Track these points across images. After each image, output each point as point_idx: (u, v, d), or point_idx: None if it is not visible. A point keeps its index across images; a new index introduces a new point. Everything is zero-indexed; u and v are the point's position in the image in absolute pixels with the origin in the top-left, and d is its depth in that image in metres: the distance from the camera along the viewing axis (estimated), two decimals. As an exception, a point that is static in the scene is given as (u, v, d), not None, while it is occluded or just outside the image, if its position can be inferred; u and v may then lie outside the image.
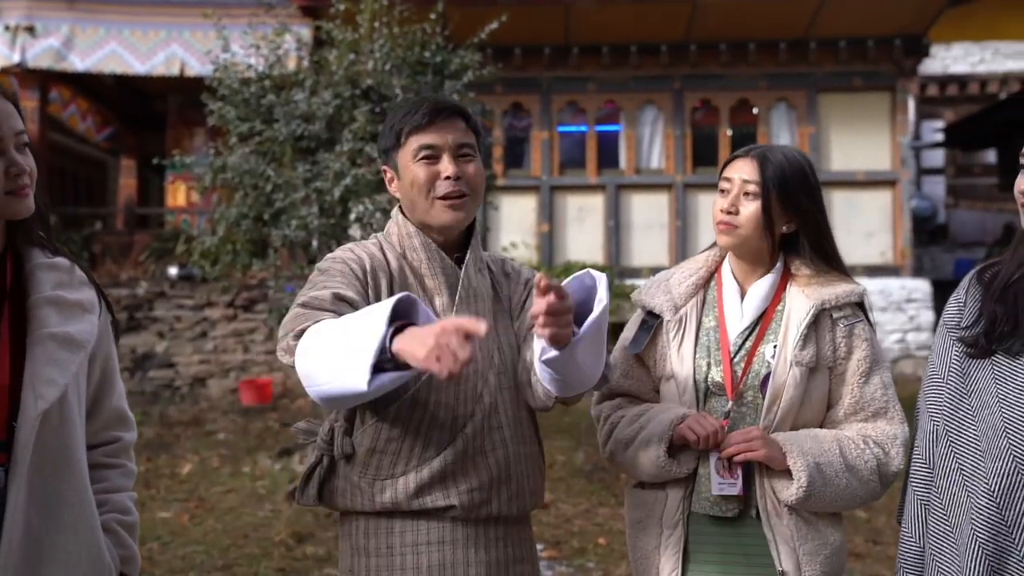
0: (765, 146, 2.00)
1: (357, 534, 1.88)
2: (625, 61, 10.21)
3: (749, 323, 1.96)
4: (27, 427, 1.46)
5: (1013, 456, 1.56)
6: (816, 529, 1.89)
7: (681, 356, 1.97)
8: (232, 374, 9.12)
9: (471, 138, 1.88)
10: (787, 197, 1.91)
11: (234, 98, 6.13)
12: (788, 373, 1.89)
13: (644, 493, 2.00)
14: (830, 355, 1.93)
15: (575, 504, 5.46)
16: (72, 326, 1.55)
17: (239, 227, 6.04)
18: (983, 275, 1.76)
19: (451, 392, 1.81)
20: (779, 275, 1.98)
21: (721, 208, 1.95)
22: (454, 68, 6.26)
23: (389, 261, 1.87)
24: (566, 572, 4.39)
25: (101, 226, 10.97)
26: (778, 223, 1.93)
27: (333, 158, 5.88)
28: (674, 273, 2.07)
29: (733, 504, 1.90)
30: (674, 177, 10.27)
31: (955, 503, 1.65)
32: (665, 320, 2.00)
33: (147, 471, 6.27)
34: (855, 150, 10.13)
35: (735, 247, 1.96)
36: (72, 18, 9.43)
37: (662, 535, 1.94)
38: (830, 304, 1.92)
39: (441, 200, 1.83)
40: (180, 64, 9.44)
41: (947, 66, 14.74)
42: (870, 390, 1.93)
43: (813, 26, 9.85)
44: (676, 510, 1.93)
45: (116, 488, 1.67)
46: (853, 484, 1.87)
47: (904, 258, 10.12)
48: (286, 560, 4.51)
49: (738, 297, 1.99)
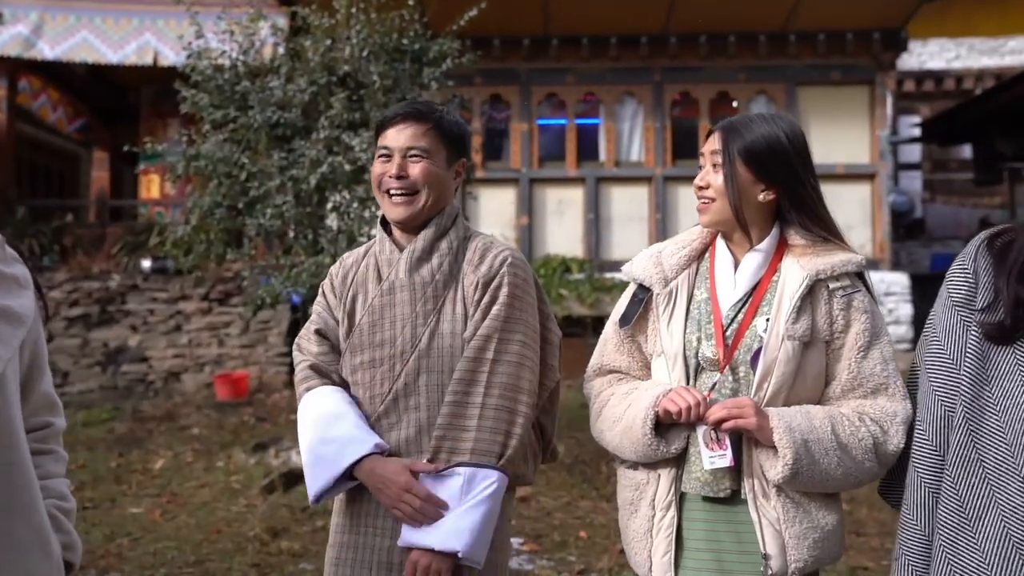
0: (740, 116, 1.95)
1: None
2: (605, 53, 10.17)
3: (742, 295, 1.89)
4: None
5: None
6: (805, 511, 1.81)
7: (671, 330, 1.91)
8: (207, 368, 8.98)
9: (426, 141, 2.01)
10: (756, 163, 1.86)
11: (208, 85, 6.00)
12: (780, 347, 1.81)
13: (636, 473, 1.94)
14: (826, 328, 1.84)
15: (556, 497, 5.40)
16: (11, 300, 1.46)
17: (213, 216, 5.92)
18: (993, 244, 1.65)
19: (368, 374, 2.00)
20: (773, 245, 1.91)
21: (695, 183, 1.94)
22: (432, 56, 6.17)
23: (362, 262, 2.11)
24: (547, 566, 4.32)
25: (72, 218, 10.77)
26: (750, 191, 1.87)
27: (309, 146, 5.77)
28: (667, 245, 2.02)
29: (725, 484, 1.83)
30: (654, 170, 10.24)
31: (975, 495, 1.56)
32: (655, 293, 1.94)
33: (119, 466, 6.13)
34: (834, 143, 10.15)
35: (715, 223, 1.92)
36: (42, 5, 9.23)
37: (654, 517, 1.89)
38: (825, 274, 1.84)
39: (388, 196, 2.03)
40: (153, 53, 9.27)
41: (923, 62, 14.83)
42: (868, 365, 1.83)
43: (792, 19, 9.85)
44: (668, 491, 1.87)
45: (51, 474, 1.60)
46: (847, 463, 1.78)
47: (883, 252, 10.15)
48: (260, 555, 4.41)
49: (731, 268, 1.92)
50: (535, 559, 4.41)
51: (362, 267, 2.10)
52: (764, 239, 1.91)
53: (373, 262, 2.09)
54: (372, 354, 1.99)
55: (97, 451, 6.57)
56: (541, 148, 10.41)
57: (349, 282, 2.09)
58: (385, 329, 1.99)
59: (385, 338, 1.99)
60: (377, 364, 1.98)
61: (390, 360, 1.97)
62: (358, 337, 2.01)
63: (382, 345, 1.99)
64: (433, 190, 2.01)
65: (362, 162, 5.66)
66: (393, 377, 1.97)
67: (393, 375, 1.97)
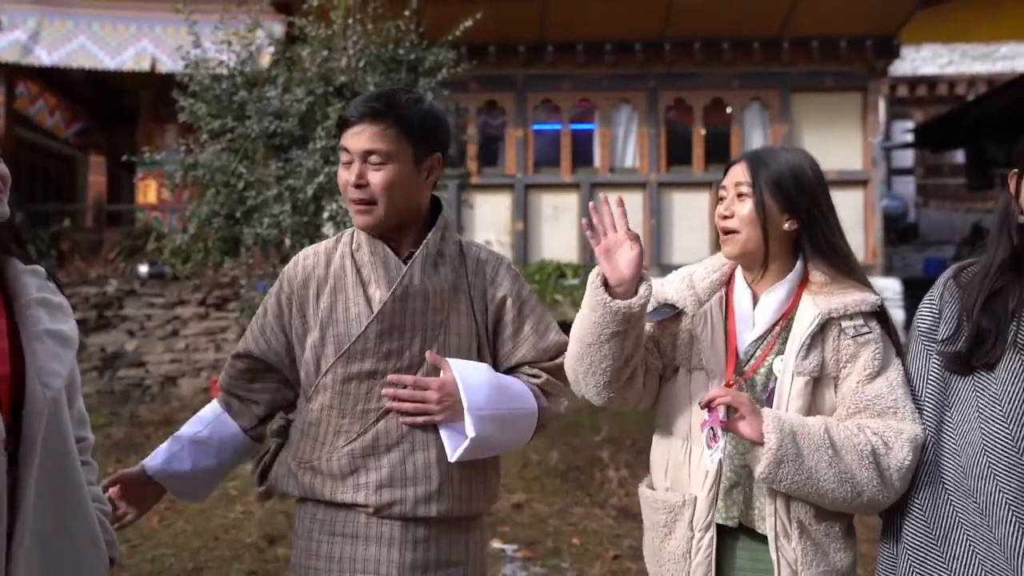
0: (763, 148, 1.97)
1: (297, 516, 1.98)
2: (600, 59, 10.22)
3: (762, 331, 1.88)
4: (37, 415, 1.51)
5: (993, 474, 1.56)
6: (824, 553, 1.79)
7: (715, 349, 1.89)
8: (204, 373, 9.02)
9: (385, 143, 1.83)
10: (782, 193, 1.85)
11: (205, 94, 6.04)
12: (791, 384, 1.81)
13: (670, 496, 1.91)
14: (834, 366, 1.83)
15: (550, 504, 5.45)
16: (63, 325, 1.64)
17: (210, 225, 5.96)
18: (959, 277, 1.74)
19: (364, 386, 1.86)
20: (796, 283, 1.89)
21: (718, 214, 1.91)
22: (428, 65, 6.22)
23: (332, 262, 1.93)
24: (540, 572, 4.38)
25: (70, 223, 10.80)
26: (776, 221, 1.86)
27: (306, 155, 5.82)
28: (696, 269, 2.01)
29: (734, 514, 1.85)
30: (648, 176, 10.30)
31: (940, 515, 1.64)
32: (691, 315, 1.93)
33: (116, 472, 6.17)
34: (827, 150, 10.18)
35: (737, 255, 1.91)
36: (39, 11, 9.28)
37: (692, 538, 1.86)
38: (838, 313, 1.82)
39: (351, 204, 1.88)
40: (151, 60, 9.31)
41: (917, 67, 14.91)
42: (874, 388, 1.78)
43: (786, 26, 9.92)
44: (707, 513, 1.85)
45: (90, 482, 1.75)
46: (839, 465, 1.71)
47: (876, 257, 10.22)
48: (257, 562, 4.47)
49: (750, 303, 1.91)
50: (528, 566, 4.47)
51: (334, 267, 1.93)
52: (786, 274, 1.89)
53: (351, 265, 1.91)
54: (375, 364, 1.85)
55: (95, 456, 6.57)
56: (536, 154, 10.46)
57: (316, 285, 1.93)
58: (394, 339, 1.85)
59: (393, 349, 1.85)
60: (379, 376, 1.85)
61: (394, 373, 1.85)
62: (362, 344, 1.84)
63: (388, 356, 1.85)
64: (394, 197, 1.85)
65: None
66: None
67: None
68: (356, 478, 1.84)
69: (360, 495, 1.84)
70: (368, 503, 1.84)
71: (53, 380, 1.56)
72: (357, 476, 1.84)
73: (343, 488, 1.85)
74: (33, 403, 1.52)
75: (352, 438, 1.85)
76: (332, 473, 1.86)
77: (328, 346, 1.89)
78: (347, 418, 1.86)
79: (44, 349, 1.57)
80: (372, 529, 1.85)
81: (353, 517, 1.86)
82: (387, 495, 1.83)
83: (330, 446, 1.87)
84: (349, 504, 1.85)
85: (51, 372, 1.56)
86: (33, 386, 1.53)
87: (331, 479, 1.86)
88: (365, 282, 1.89)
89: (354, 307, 1.88)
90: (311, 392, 1.91)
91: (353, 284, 1.89)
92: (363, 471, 1.84)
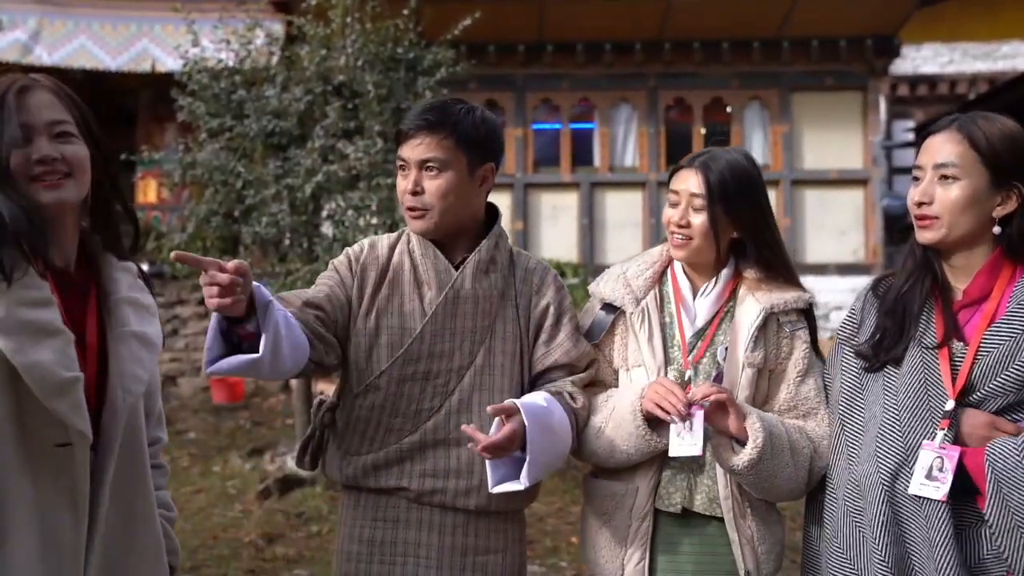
0: (708, 153, 2.01)
1: (341, 503, 2.05)
2: (599, 59, 10.22)
3: (703, 324, 2.01)
4: (115, 420, 1.50)
5: (876, 460, 1.70)
6: (769, 527, 1.97)
7: (652, 346, 1.99)
8: (203, 372, 9.02)
9: (441, 151, 1.91)
10: (730, 206, 1.95)
11: (204, 93, 6.05)
12: (741, 374, 1.95)
13: (614, 484, 2.01)
14: (773, 359, 1.99)
15: (548, 503, 5.45)
16: (148, 327, 1.61)
17: (209, 224, 5.96)
18: (878, 288, 1.89)
19: (417, 387, 1.93)
20: (729, 277, 2.03)
21: (672, 221, 1.99)
22: (427, 64, 6.22)
23: (393, 256, 1.99)
24: (539, 571, 4.38)
25: (69, 222, 10.79)
26: (725, 232, 1.98)
27: (304, 154, 5.82)
28: (630, 266, 2.11)
29: (676, 500, 1.95)
30: (648, 175, 10.29)
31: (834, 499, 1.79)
32: (629, 312, 2.03)
33: (115, 471, 6.19)
34: (827, 149, 10.20)
35: (691, 261, 2.02)
36: (40, 11, 9.27)
37: (631, 527, 1.97)
38: (778, 308, 1.97)
39: (408, 210, 1.96)
40: (151, 60, 9.31)
41: (917, 66, 14.89)
42: (805, 389, 1.97)
43: (786, 26, 9.90)
44: (647, 502, 1.96)
45: (159, 487, 1.75)
46: (790, 468, 1.87)
47: (876, 256, 10.21)
48: (255, 561, 4.47)
49: (691, 296, 2.04)
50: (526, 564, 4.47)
51: (394, 264, 1.99)
52: (722, 270, 2.02)
53: (408, 263, 1.99)
54: (428, 365, 1.92)
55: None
56: (536, 153, 10.46)
57: (377, 275, 1.98)
58: (445, 340, 1.93)
59: (444, 350, 1.93)
60: (432, 377, 1.92)
61: (445, 374, 1.93)
62: (418, 345, 1.92)
63: (440, 357, 1.93)
64: (448, 204, 1.93)
65: (357, 170, 5.72)
66: (446, 392, 1.93)
67: (447, 390, 1.93)
68: (401, 467, 1.93)
69: (404, 480, 1.92)
70: (411, 487, 1.92)
71: (134, 385, 1.54)
72: (402, 465, 1.93)
73: (387, 475, 1.93)
74: (112, 408, 1.50)
75: (403, 436, 1.93)
76: (378, 464, 1.94)
77: (382, 335, 1.95)
78: (399, 417, 1.93)
79: (128, 352, 1.54)
80: (413, 514, 1.93)
81: (395, 502, 1.94)
82: (429, 483, 1.92)
83: (380, 441, 1.94)
84: (392, 488, 1.93)
85: (133, 377, 1.53)
86: (114, 391, 1.50)
87: (375, 469, 1.94)
88: (420, 282, 1.97)
89: (408, 303, 1.96)
90: (359, 388, 1.95)
91: (409, 281, 1.97)
92: (408, 461, 1.93)
